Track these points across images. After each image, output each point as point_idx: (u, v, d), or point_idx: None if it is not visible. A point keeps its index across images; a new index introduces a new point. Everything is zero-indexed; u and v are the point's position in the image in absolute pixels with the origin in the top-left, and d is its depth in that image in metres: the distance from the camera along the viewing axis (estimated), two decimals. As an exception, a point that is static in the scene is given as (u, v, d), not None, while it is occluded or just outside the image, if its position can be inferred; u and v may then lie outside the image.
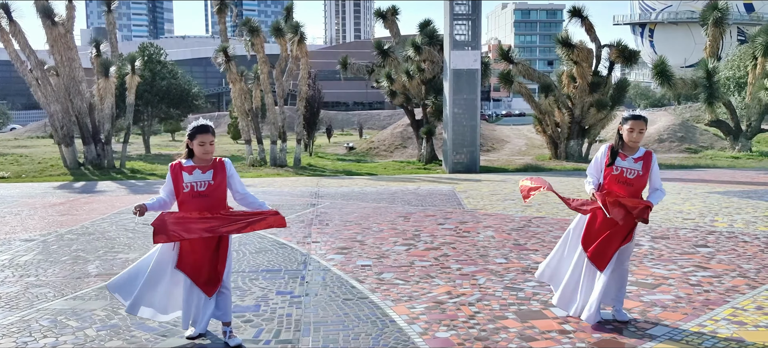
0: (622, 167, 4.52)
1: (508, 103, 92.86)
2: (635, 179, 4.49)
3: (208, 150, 4.24)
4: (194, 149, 4.25)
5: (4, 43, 21.76)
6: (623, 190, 4.47)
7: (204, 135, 4.22)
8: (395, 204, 11.47)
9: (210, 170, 4.25)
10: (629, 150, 4.57)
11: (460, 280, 5.86)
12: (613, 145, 4.63)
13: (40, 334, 4.41)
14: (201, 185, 4.20)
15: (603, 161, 4.63)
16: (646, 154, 4.55)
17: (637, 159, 4.54)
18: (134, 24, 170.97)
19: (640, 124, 4.50)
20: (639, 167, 4.51)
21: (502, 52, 23.14)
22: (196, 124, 4.29)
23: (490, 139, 32.48)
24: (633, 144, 4.54)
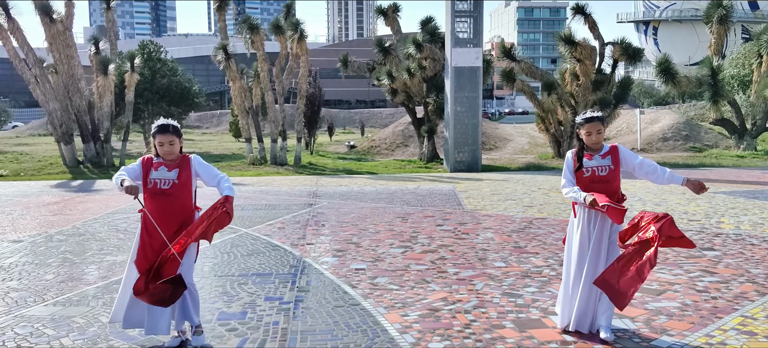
0: (592, 167, 4.33)
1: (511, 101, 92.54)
2: (608, 175, 4.31)
3: (168, 150, 4.11)
4: (157, 148, 4.14)
5: (3, 40, 21.59)
6: (599, 189, 4.27)
7: (162, 135, 4.10)
8: (394, 204, 11.25)
9: (176, 168, 4.12)
10: (594, 150, 4.39)
11: (457, 285, 5.64)
12: (576, 150, 4.44)
13: (12, 344, 4.21)
14: (165, 183, 4.06)
15: (571, 169, 4.43)
16: (612, 148, 4.38)
17: (604, 154, 4.36)
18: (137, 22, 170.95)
19: (596, 125, 4.32)
20: (608, 162, 4.33)
21: (505, 49, 22.89)
22: (156, 124, 4.17)
23: (492, 137, 32.23)
24: (594, 146, 4.36)
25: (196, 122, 60.20)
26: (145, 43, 36.56)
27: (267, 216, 9.93)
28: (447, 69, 19.87)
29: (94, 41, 24.34)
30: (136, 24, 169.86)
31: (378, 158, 26.25)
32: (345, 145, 31.28)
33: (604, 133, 4.36)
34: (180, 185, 4.07)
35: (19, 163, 24.49)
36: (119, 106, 27.33)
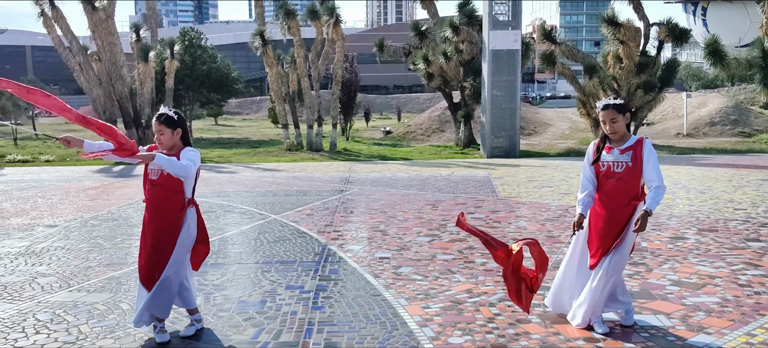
0: (608, 162, 4.05)
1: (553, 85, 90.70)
2: (625, 172, 3.99)
3: (161, 141, 3.96)
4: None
5: (48, 28, 22.14)
6: (614, 186, 4.00)
7: (155, 123, 3.97)
8: (425, 191, 11.07)
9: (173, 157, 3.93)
10: (616, 141, 4.07)
11: (483, 277, 5.46)
12: (599, 141, 4.16)
13: (32, 331, 4.23)
14: (154, 173, 3.96)
15: (590, 161, 4.17)
16: (636, 142, 4.02)
17: (625, 149, 4.02)
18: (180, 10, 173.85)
19: (610, 113, 3.99)
20: (627, 158, 4.00)
21: (545, 32, 22.27)
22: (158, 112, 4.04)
23: (532, 122, 31.63)
24: (612, 136, 4.06)
25: (236, 108, 61.00)
26: (185, 30, 37.02)
27: (297, 202, 9.90)
28: (484, 52, 19.47)
29: (135, 29, 24.77)
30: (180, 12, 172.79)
31: (413, 144, 26.05)
32: (381, 131, 31.17)
33: (621, 123, 4.00)
34: (167, 177, 3.91)
35: (66, 149, 25.19)
36: (160, 93, 27.80)
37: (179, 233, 3.95)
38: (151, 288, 3.90)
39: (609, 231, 4.03)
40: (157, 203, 3.94)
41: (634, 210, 4.01)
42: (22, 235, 7.57)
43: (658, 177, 3.95)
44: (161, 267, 3.92)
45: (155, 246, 3.92)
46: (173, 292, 4.00)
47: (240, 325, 4.30)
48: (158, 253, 3.90)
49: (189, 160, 3.90)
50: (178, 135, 3.99)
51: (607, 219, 4.03)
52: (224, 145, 27.49)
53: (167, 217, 3.93)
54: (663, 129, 27.32)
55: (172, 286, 3.97)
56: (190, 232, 4.01)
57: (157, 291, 3.92)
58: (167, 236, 3.93)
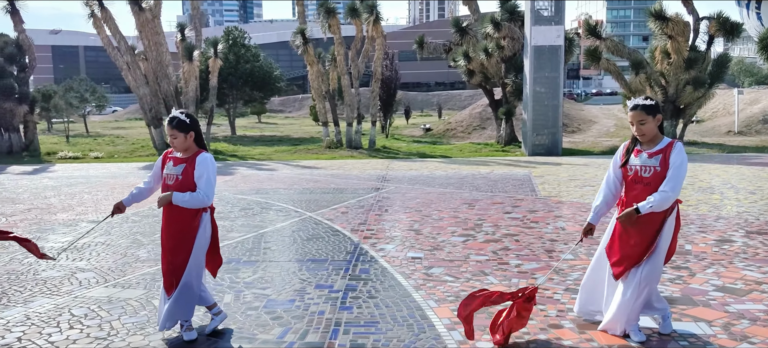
0: (636, 166, 3.83)
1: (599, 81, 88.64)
2: (653, 177, 3.76)
3: (174, 144, 3.95)
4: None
5: (97, 28, 22.81)
6: (642, 191, 3.79)
7: (167, 127, 3.93)
8: (462, 189, 10.93)
9: (182, 164, 3.96)
10: (646, 144, 3.86)
11: (517, 279, 5.33)
12: (629, 143, 3.96)
13: (66, 325, 4.32)
14: (170, 179, 3.95)
15: (617, 164, 3.98)
16: (668, 145, 3.78)
17: (654, 153, 3.79)
18: (226, 9, 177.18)
19: (638, 115, 3.78)
20: (655, 162, 3.76)
21: (589, 27, 21.73)
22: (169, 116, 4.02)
23: (576, 119, 30.98)
24: (641, 138, 3.85)
25: (279, 106, 61.75)
26: (229, 29, 37.61)
27: (333, 200, 9.91)
28: (526, 48, 19.15)
29: (180, 28, 25.31)
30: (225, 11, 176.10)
31: (454, 141, 25.83)
32: (420, 128, 31.02)
33: (651, 125, 3.77)
34: (181, 183, 3.90)
35: (114, 146, 25.96)
36: (205, 91, 28.33)
37: (196, 237, 3.95)
38: (172, 293, 3.93)
39: (638, 241, 3.84)
40: (173, 208, 3.93)
41: (663, 219, 3.82)
42: (66, 231, 7.80)
43: (672, 183, 3.68)
44: (180, 271, 3.94)
45: (173, 250, 3.94)
46: (195, 295, 4.03)
47: (267, 324, 4.30)
48: (177, 257, 3.92)
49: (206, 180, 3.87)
50: (191, 138, 3.96)
51: (635, 228, 3.84)
52: (266, 142, 27.82)
53: (184, 221, 3.93)
54: (713, 126, 26.36)
55: (194, 288, 4.00)
56: (206, 234, 4.00)
57: (179, 296, 3.95)
58: (184, 240, 3.94)
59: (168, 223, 3.96)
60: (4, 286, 5.32)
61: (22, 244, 3.98)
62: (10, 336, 4.13)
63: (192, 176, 3.92)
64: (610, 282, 4.06)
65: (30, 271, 5.78)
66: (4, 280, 5.51)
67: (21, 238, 4.01)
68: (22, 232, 7.69)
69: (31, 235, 7.48)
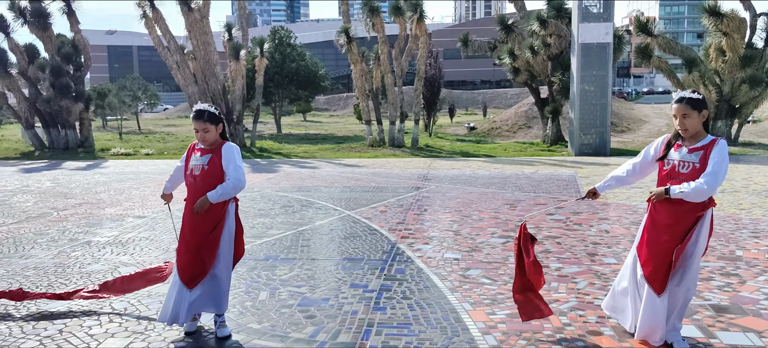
0: (674, 160, 3.64)
1: (650, 79, 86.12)
2: (690, 173, 3.56)
3: (202, 137, 3.99)
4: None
5: (148, 29, 23.46)
6: None
7: (196, 122, 3.97)
8: (505, 190, 10.76)
9: (208, 154, 4.00)
10: (688, 140, 3.66)
11: (557, 283, 5.18)
12: (670, 136, 3.77)
13: (106, 319, 4.42)
14: (196, 169, 3.99)
15: (656, 154, 3.78)
16: (710, 142, 3.58)
17: (695, 149, 3.59)
18: (273, 9, 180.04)
19: (682, 108, 3.58)
20: (695, 159, 3.57)
21: (640, 23, 21.11)
22: (194, 109, 4.04)
23: (626, 118, 30.19)
24: (683, 133, 3.65)
25: (324, 105, 62.32)
26: (275, 28, 38.13)
27: (373, 198, 9.89)
28: (573, 46, 18.73)
29: (227, 28, 25.79)
30: (273, 11, 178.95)
31: (498, 140, 25.51)
32: (465, 127, 30.76)
33: (695, 120, 3.59)
34: (207, 173, 3.94)
35: (164, 143, 26.66)
36: (251, 90, 28.80)
37: (223, 228, 3.98)
38: (194, 286, 3.95)
39: (668, 238, 3.64)
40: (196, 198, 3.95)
41: (697, 220, 3.63)
42: (112, 225, 8.01)
43: (709, 178, 3.48)
44: (209, 263, 3.96)
45: (200, 243, 3.94)
46: (227, 286, 4.06)
47: (300, 323, 4.30)
48: (205, 250, 3.94)
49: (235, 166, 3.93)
50: (219, 130, 4.03)
51: (668, 228, 3.65)
52: (310, 140, 28.09)
53: (212, 212, 3.94)
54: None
55: (225, 282, 4.03)
56: (230, 227, 4.04)
57: (210, 289, 3.98)
58: (213, 232, 3.95)
59: (193, 216, 3.96)
60: (50, 278, 5.49)
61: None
62: (53, 328, 4.25)
63: (219, 166, 3.96)
64: (640, 283, 3.87)
65: (76, 264, 5.96)
66: (52, 272, 5.69)
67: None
68: (72, 226, 7.95)
69: (80, 230, 7.72)
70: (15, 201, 10.29)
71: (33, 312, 4.58)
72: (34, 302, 4.76)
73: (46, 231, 7.65)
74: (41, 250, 6.57)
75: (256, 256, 6.21)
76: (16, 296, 4.58)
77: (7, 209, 9.44)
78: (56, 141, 23.56)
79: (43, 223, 8.22)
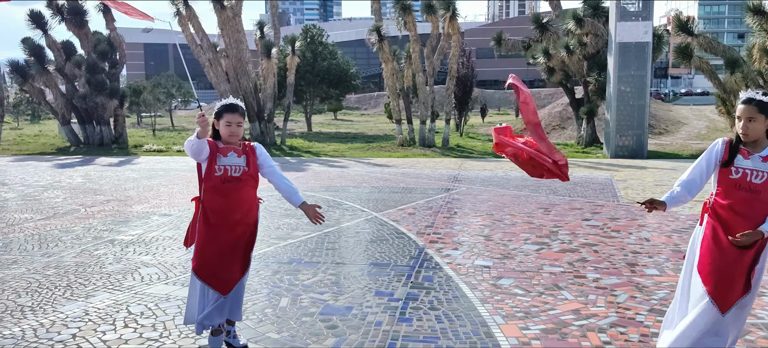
0: (745, 169, 3.25)
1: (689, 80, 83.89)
2: (763, 185, 3.21)
3: (235, 131, 3.72)
4: (220, 130, 3.73)
5: (182, 26, 23.63)
6: (746, 199, 3.23)
7: (231, 114, 3.69)
8: (538, 193, 10.40)
9: (244, 155, 3.77)
10: (753, 146, 3.31)
11: (595, 295, 4.87)
12: (731, 139, 3.40)
13: (121, 324, 4.28)
14: (236, 170, 3.71)
15: (717, 159, 3.40)
16: None
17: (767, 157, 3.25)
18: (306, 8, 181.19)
19: (747, 110, 3.23)
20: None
21: (680, 22, 20.39)
22: (224, 103, 3.78)
23: (664, 120, 29.34)
24: (744, 137, 3.29)
25: (355, 104, 62.29)
26: (307, 27, 38.14)
27: (401, 200, 9.65)
28: (610, 45, 18.19)
29: (259, 26, 25.83)
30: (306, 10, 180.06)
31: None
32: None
33: (760, 125, 3.25)
34: (250, 174, 3.76)
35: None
36: (282, 88, 28.82)
37: (256, 232, 3.85)
38: (228, 292, 3.75)
39: (743, 259, 3.30)
40: (239, 200, 3.75)
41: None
42: (138, 223, 7.94)
43: None
44: (246, 268, 3.79)
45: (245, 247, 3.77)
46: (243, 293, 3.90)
47: (321, 334, 4.09)
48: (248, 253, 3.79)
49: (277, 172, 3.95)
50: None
51: (740, 248, 3.31)
52: (340, 139, 27.97)
53: (249, 214, 3.78)
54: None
55: (244, 287, 3.88)
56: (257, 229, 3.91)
57: (238, 294, 3.80)
58: (250, 236, 3.79)
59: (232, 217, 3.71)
60: (70, 277, 5.39)
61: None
62: (66, 332, 4.12)
63: (256, 165, 3.80)
64: (700, 302, 3.46)
65: (97, 264, 5.86)
66: (71, 271, 5.59)
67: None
68: (98, 223, 7.90)
69: (105, 227, 7.66)
70: (45, 197, 10.34)
71: (48, 314, 4.47)
72: (50, 304, 4.65)
73: (72, 228, 7.60)
74: (65, 248, 6.50)
75: (279, 258, 6.02)
76: None
77: (37, 205, 9.47)
78: (91, 137, 23.89)
79: (70, 220, 8.19)
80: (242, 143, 3.82)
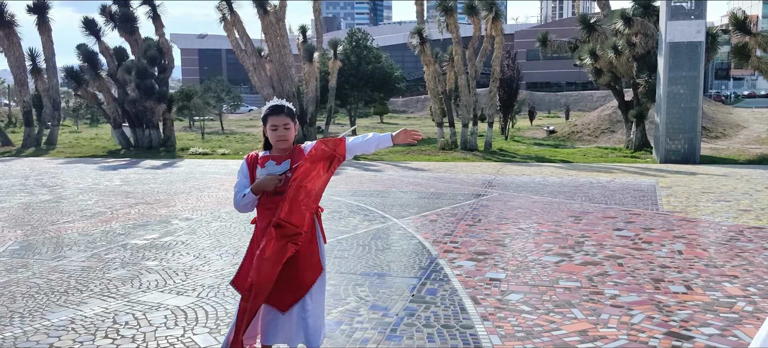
0: None
1: (752, 82, 79.94)
2: None
3: (283, 135, 3.34)
4: (268, 135, 3.40)
5: (227, 32, 24.01)
6: None
7: (276, 117, 3.32)
8: (574, 199, 9.92)
9: (286, 160, 3.37)
10: None
11: (608, 314, 4.47)
12: None
13: (102, 334, 4.16)
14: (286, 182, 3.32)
15: None
16: None
17: None
18: (357, 13, 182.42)
19: None
20: None
21: (737, 21, 19.31)
22: (269, 105, 3.41)
23: (721, 123, 27.94)
24: None
25: (402, 107, 62.14)
26: (353, 31, 38.22)
27: (427, 205, 9.36)
28: (660, 45, 17.38)
29: (301, 30, 25.99)
30: (356, 14, 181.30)
31: (578, 145, 24.21)
32: (544, 130, 29.49)
33: None
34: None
35: (242, 143, 27.23)
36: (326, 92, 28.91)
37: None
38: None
39: None
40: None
41: None
42: (156, 227, 7.93)
43: None
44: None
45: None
46: None
47: (303, 350, 3.87)
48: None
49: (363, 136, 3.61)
50: (297, 130, 3.50)
51: None
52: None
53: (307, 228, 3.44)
54: None
55: None
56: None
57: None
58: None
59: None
60: (70, 283, 5.36)
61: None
62: (45, 341, 4.03)
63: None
64: None
65: (102, 269, 5.82)
66: (74, 276, 5.57)
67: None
68: (118, 226, 7.94)
69: (123, 231, 7.68)
70: (79, 199, 10.54)
71: (35, 321, 4.41)
72: (40, 311, 4.60)
73: (92, 231, 7.66)
74: (78, 252, 6.52)
75: (285, 266, 5.85)
76: None
77: (68, 206, 9.65)
78: (141, 140, 24.53)
79: (92, 222, 8.28)
80: (292, 147, 3.45)
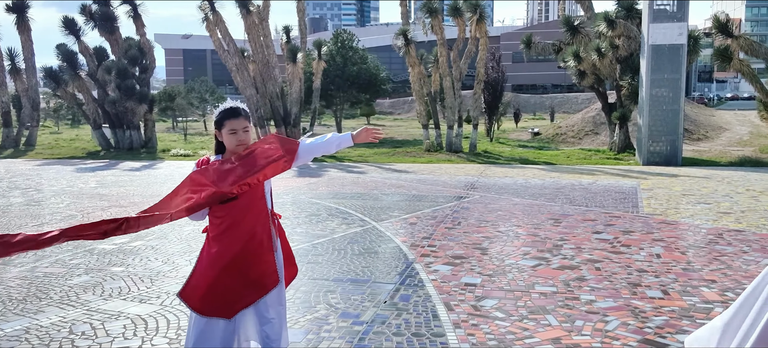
0: None
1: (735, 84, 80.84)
2: None
3: (243, 139, 3.16)
4: (224, 140, 3.20)
5: (210, 32, 23.74)
6: None
7: (235, 120, 3.13)
8: (554, 202, 9.84)
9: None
10: None
11: (582, 321, 4.37)
12: None
13: (56, 345, 3.99)
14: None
15: None
16: None
17: None
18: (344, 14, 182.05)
19: None
20: None
21: (719, 23, 19.40)
22: (223, 108, 3.21)
23: (704, 126, 28.10)
24: None
25: (389, 108, 62.03)
26: (338, 31, 38.05)
27: (407, 208, 9.23)
28: (643, 47, 17.40)
29: (285, 30, 25.80)
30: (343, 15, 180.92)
31: (563, 147, 24.23)
32: (529, 132, 29.52)
33: None
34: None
35: (224, 145, 26.90)
36: (311, 93, 28.73)
37: None
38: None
39: None
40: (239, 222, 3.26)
41: None
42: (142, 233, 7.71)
43: None
44: None
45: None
46: None
47: (266, 360, 3.72)
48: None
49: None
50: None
51: None
52: (368, 144, 27.70)
53: (259, 237, 3.35)
54: None
55: None
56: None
57: None
58: None
59: (233, 241, 3.26)
60: (31, 289, 5.17)
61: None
62: (-5, 352, 3.87)
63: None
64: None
65: (65, 276, 5.63)
66: (36, 284, 5.37)
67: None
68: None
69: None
70: (51, 202, 10.29)
71: None
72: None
73: (60, 235, 7.44)
74: (42, 258, 6.31)
75: (256, 272, 5.69)
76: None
77: (39, 210, 9.41)
78: (121, 141, 24.19)
79: (62, 227, 8.05)
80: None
